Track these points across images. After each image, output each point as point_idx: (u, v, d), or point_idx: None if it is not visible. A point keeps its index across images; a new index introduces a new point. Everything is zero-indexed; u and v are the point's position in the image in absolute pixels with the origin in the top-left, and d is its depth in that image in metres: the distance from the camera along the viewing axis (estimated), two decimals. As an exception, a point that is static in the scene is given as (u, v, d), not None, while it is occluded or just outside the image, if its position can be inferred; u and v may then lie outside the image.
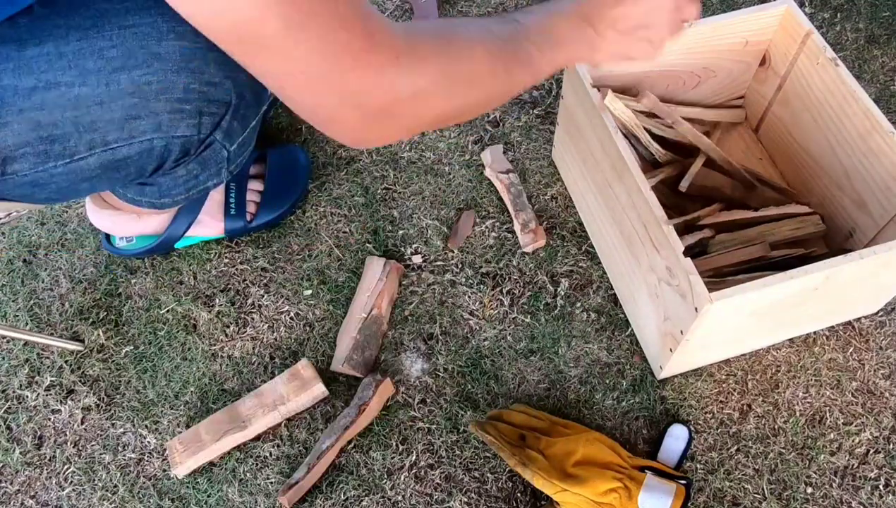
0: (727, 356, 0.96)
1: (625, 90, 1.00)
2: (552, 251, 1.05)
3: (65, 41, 0.64)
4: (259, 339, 1.01)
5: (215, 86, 0.71)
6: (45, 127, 0.65)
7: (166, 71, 0.67)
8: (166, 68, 0.67)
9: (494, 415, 0.91)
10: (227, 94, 0.72)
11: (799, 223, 0.97)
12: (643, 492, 0.82)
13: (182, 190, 0.84)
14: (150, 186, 0.84)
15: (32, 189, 0.71)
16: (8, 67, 0.62)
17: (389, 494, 0.89)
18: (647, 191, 0.81)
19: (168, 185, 0.83)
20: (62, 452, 0.94)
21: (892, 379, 0.95)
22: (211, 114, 0.73)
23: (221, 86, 0.71)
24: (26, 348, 1.01)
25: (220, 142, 0.77)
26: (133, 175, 0.75)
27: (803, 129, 1.00)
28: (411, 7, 1.31)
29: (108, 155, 0.70)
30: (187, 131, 0.72)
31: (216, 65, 0.70)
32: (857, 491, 0.88)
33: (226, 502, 0.90)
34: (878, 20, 1.27)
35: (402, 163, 1.14)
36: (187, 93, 0.69)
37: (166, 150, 0.73)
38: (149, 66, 0.66)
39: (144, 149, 0.71)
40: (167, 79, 0.67)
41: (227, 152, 0.79)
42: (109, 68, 0.65)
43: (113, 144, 0.69)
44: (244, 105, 0.75)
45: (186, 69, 0.68)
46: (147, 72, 0.66)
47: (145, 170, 0.75)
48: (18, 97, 0.63)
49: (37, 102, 0.63)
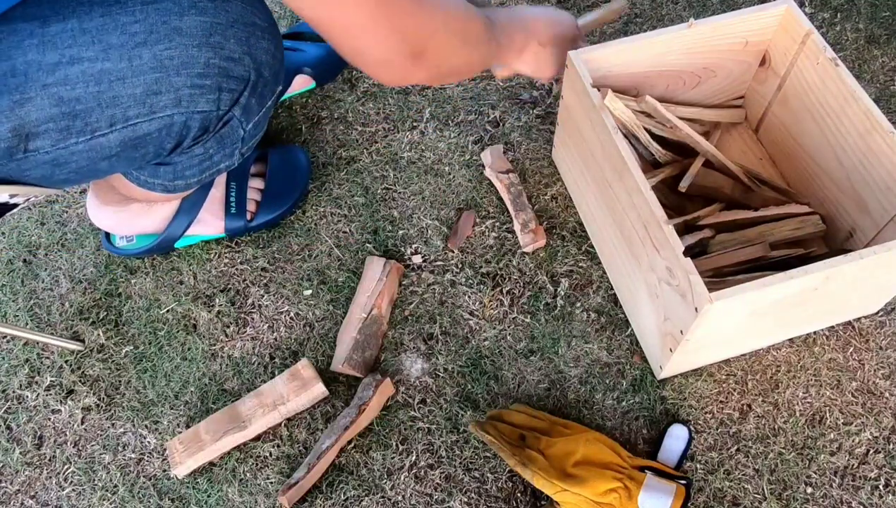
0: (727, 356, 0.96)
1: (625, 90, 1.00)
2: (552, 251, 1.05)
3: (88, 17, 0.64)
4: (259, 339, 1.01)
5: (235, 62, 0.71)
6: (67, 102, 0.65)
7: (188, 46, 0.68)
8: (187, 43, 0.68)
9: (494, 415, 0.91)
10: (247, 71, 0.73)
11: (799, 223, 0.97)
12: (643, 492, 0.82)
13: (196, 170, 0.84)
14: (166, 166, 0.84)
15: (53, 168, 0.71)
16: (32, 43, 0.63)
17: (389, 494, 0.89)
18: (647, 191, 0.81)
19: (183, 165, 0.83)
20: (62, 452, 0.94)
21: (892, 379, 0.95)
22: (230, 91, 0.73)
23: (241, 62, 0.72)
24: (26, 348, 1.01)
25: (238, 119, 0.77)
26: (151, 155, 0.76)
27: (803, 129, 1.00)
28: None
29: (128, 131, 0.70)
30: (207, 106, 0.73)
31: (236, 40, 0.71)
32: (857, 491, 0.88)
33: (226, 502, 0.90)
34: (878, 20, 1.27)
35: (402, 163, 1.14)
36: (207, 69, 0.70)
37: (185, 127, 0.73)
38: (170, 41, 0.67)
39: (164, 126, 0.72)
40: (188, 53, 0.68)
41: (243, 131, 0.80)
42: (132, 43, 0.66)
43: (134, 120, 0.69)
44: (262, 82, 0.76)
45: (207, 44, 0.69)
46: (168, 46, 0.67)
47: (164, 148, 0.76)
48: (42, 72, 0.63)
49: (60, 78, 0.64)
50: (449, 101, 1.21)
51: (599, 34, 1.27)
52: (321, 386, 0.93)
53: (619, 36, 1.21)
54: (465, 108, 1.20)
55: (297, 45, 1.19)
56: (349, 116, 1.20)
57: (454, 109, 1.20)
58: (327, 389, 0.95)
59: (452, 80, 0.84)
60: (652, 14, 1.30)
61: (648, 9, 1.30)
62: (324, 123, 1.20)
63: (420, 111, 1.20)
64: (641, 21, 1.29)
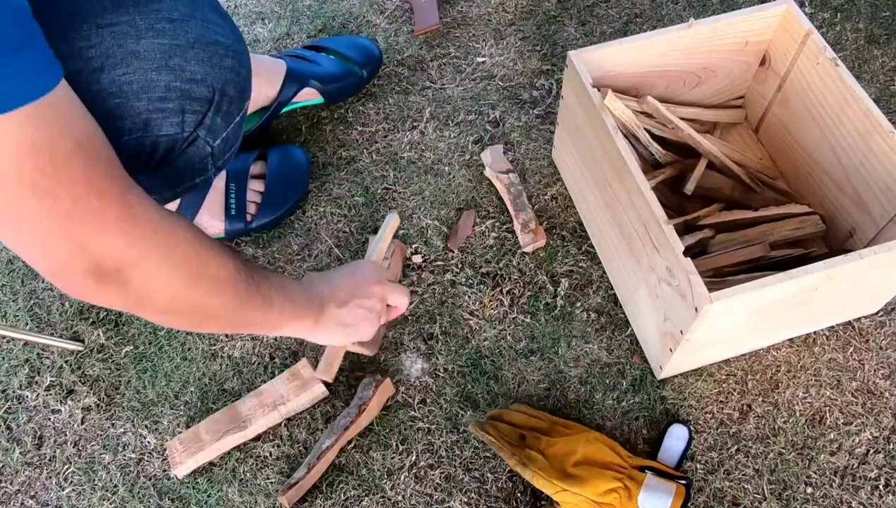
0: (727, 356, 0.96)
1: (625, 90, 1.00)
2: (552, 251, 1.05)
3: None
4: (259, 339, 1.01)
5: (197, 83, 0.71)
6: None
7: (146, 70, 0.67)
8: (146, 67, 0.67)
9: (494, 415, 0.91)
10: (210, 91, 0.72)
11: (799, 223, 0.97)
12: (643, 492, 0.82)
13: (167, 187, 0.84)
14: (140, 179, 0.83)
15: None
16: None
17: (389, 494, 0.89)
18: (647, 191, 0.81)
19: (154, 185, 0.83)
20: (62, 452, 0.94)
21: (892, 379, 0.95)
22: (194, 112, 0.72)
23: (203, 82, 0.71)
24: (26, 348, 1.01)
25: (204, 138, 0.76)
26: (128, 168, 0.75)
27: (803, 129, 1.00)
28: (411, 7, 1.31)
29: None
30: (171, 130, 0.72)
31: (197, 62, 0.70)
32: (857, 491, 0.88)
33: (226, 502, 0.90)
34: (878, 20, 1.27)
35: (402, 163, 1.14)
36: (168, 92, 0.69)
37: (152, 148, 0.73)
38: (128, 66, 0.66)
39: (130, 149, 0.71)
40: (147, 77, 0.67)
41: (210, 148, 0.79)
42: (89, 69, 0.64)
43: None
44: (227, 101, 0.75)
45: (166, 67, 0.68)
46: (126, 71, 0.66)
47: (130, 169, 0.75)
48: None
49: None
50: (449, 101, 1.21)
51: (599, 34, 1.27)
52: (321, 386, 0.93)
53: (618, 36, 1.21)
54: (465, 108, 1.20)
55: (314, 56, 1.18)
56: (349, 116, 1.20)
57: (454, 109, 1.20)
58: (327, 389, 0.95)
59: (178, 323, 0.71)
60: (652, 14, 1.30)
61: (648, 9, 1.30)
62: (324, 123, 1.20)
63: (420, 111, 1.20)
64: (641, 21, 1.29)
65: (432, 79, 1.23)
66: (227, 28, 0.75)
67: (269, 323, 0.75)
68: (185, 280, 0.63)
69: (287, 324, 0.77)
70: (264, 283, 0.72)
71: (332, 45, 1.21)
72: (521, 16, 1.31)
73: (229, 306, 0.69)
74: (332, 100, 1.19)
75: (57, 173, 0.51)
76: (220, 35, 0.73)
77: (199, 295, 0.65)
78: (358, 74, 1.19)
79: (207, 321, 0.70)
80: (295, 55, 1.18)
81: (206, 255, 0.65)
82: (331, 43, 1.22)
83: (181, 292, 0.64)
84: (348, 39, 1.23)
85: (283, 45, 1.29)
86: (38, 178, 0.51)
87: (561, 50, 1.26)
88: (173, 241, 0.61)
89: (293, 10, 1.33)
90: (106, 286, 0.58)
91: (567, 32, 1.28)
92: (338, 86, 1.18)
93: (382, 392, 0.93)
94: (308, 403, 0.94)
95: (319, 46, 1.21)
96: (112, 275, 0.58)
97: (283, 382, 0.94)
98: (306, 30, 1.30)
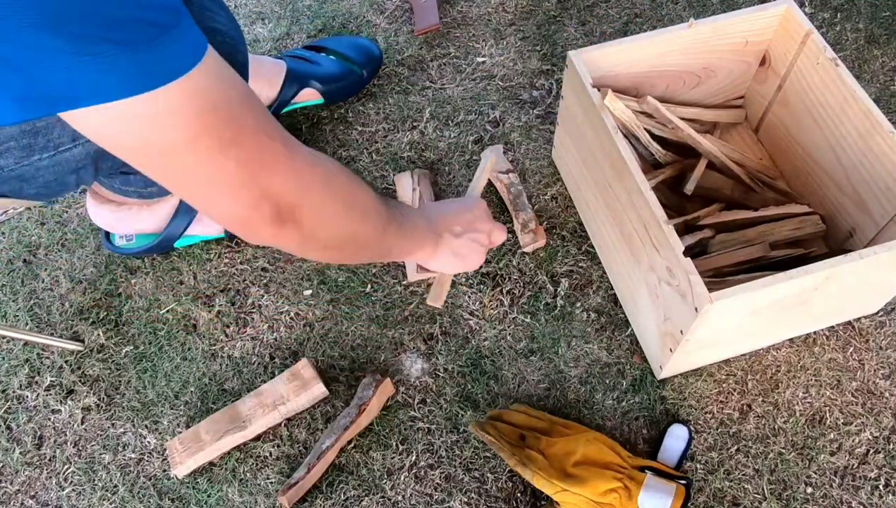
0: (727, 356, 0.96)
1: (625, 90, 1.00)
2: (552, 251, 1.05)
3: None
4: (259, 339, 1.01)
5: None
6: (28, 120, 0.64)
7: None
8: None
9: (494, 415, 0.91)
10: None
11: (799, 223, 0.97)
12: (643, 492, 0.82)
13: None
14: (135, 175, 0.83)
15: (20, 183, 0.70)
16: None
17: (389, 494, 0.89)
18: (647, 191, 0.81)
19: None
20: (62, 452, 0.94)
21: (892, 379, 0.95)
22: None
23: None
24: (26, 348, 1.01)
25: None
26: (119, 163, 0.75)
27: (803, 129, 1.00)
28: (411, 7, 1.31)
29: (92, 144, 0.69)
30: None
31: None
32: (857, 491, 0.88)
33: (226, 502, 0.90)
34: (878, 20, 1.27)
35: (402, 163, 1.14)
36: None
37: None
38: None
39: None
40: None
41: None
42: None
43: None
44: None
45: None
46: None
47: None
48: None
49: None
50: (449, 101, 1.21)
51: (599, 34, 1.27)
52: (321, 386, 0.93)
53: (619, 36, 1.21)
54: (465, 108, 1.20)
55: (314, 56, 1.18)
56: (349, 116, 1.20)
57: (454, 109, 1.20)
58: (327, 389, 0.95)
59: (337, 256, 0.74)
60: (652, 14, 1.30)
61: (648, 9, 1.30)
62: (324, 123, 1.20)
63: (420, 111, 1.20)
64: (641, 21, 1.29)
65: (432, 79, 1.23)
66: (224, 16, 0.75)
67: (404, 248, 0.79)
68: (343, 210, 0.66)
69: (415, 251, 0.81)
70: (395, 210, 0.76)
71: (332, 45, 1.21)
72: (521, 16, 1.31)
73: (377, 232, 0.72)
74: (332, 101, 1.19)
75: (237, 124, 0.53)
76: (218, 23, 0.73)
77: (356, 224, 0.69)
78: (358, 74, 1.19)
79: (360, 250, 0.73)
80: (295, 55, 1.18)
81: (353, 184, 0.68)
82: (331, 43, 1.22)
83: (342, 222, 0.67)
84: (348, 39, 1.23)
85: (283, 45, 1.29)
86: (223, 132, 0.52)
87: (561, 50, 1.26)
88: (329, 174, 0.64)
89: (293, 10, 1.33)
90: (284, 227, 0.60)
91: (567, 32, 1.28)
92: (338, 87, 1.18)
93: (382, 392, 0.93)
94: (308, 403, 0.94)
95: (319, 46, 1.21)
96: (289, 215, 0.60)
97: (283, 382, 0.94)
98: (306, 30, 1.30)
